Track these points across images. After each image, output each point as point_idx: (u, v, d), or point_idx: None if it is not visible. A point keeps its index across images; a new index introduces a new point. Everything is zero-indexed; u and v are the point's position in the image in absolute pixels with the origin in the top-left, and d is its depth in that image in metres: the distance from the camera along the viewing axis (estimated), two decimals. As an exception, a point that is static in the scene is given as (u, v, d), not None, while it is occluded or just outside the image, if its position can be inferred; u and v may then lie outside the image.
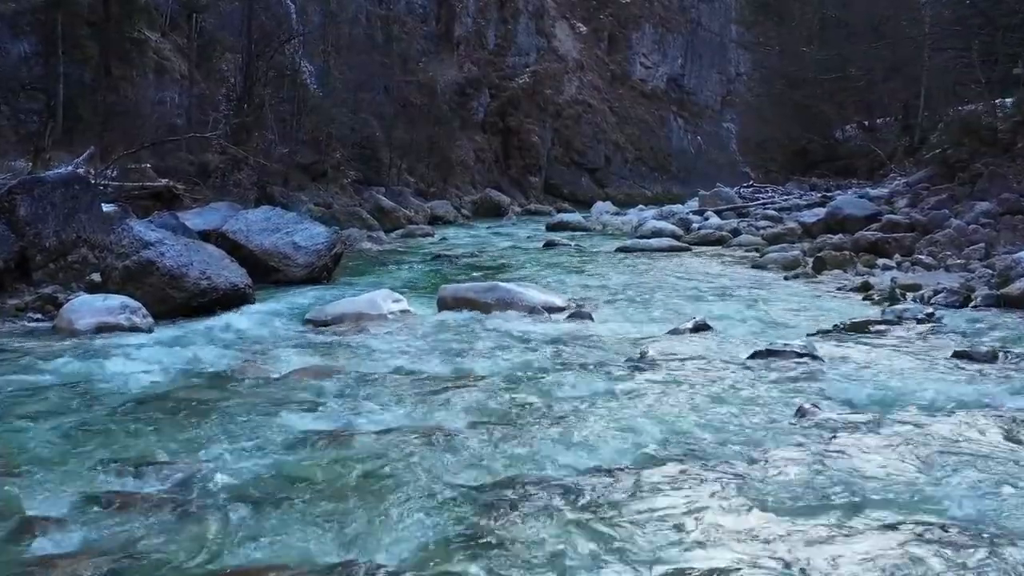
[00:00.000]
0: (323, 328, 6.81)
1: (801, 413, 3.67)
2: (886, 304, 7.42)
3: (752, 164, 39.31)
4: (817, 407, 3.71)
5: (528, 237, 17.45)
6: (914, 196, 14.05)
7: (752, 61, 32.95)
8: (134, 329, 6.57)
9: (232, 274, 8.04)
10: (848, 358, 4.83)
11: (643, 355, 4.84)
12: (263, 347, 5.73)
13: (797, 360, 4.68)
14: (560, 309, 7.50)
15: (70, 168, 9.86)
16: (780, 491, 2.84)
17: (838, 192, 17.09)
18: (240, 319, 7.28)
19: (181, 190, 11.76)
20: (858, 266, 10.32)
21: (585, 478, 2.94)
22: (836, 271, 10.16)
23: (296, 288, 9.35)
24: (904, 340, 5.36)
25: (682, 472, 3.00)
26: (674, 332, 5.83)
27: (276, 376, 4.60)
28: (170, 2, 19.60)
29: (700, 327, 5.89)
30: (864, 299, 7.85)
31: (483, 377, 4.51)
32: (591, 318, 6.80)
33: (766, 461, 3.13)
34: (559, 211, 31.33)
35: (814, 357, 4.75)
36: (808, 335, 5.80)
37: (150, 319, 6.80)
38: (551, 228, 19.64)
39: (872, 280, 8.96)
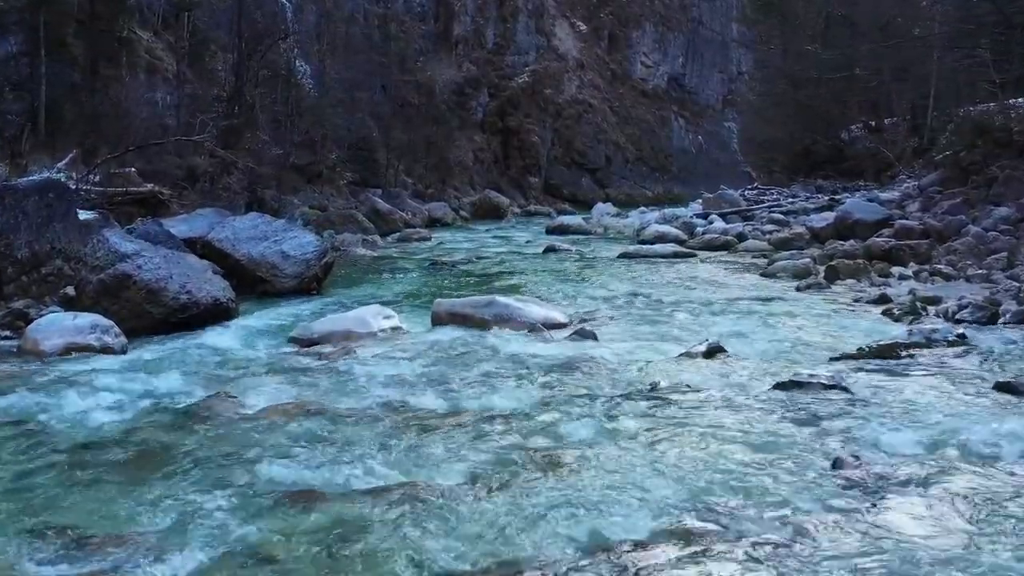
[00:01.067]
0: (308, 348, 6.37)
1: (839, 464, 3.23)
2: (908, 320, 6.99)
3: (754, 165, 38.87)
4: (856, 457, 3.26)
5: (528, 241, 17.00)
6: (926, 200, 13.60)
7: (754, 60, 32.49)
8: (106, 350, 6.13)
9: (214, 288, 7.60)
10: (881, 391, 4.38)
11: (654, 387, 4.39)
12: (240, 373, 5.28)
13: (825, 393, 4.24)
14: (562, 325, 7.06)
15: (46, 174, 9.40)
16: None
17: (845, 195, 16.64)
18: (221, 337, 6.85)
19: (167, 195, 11.30)
20: (872, 275, 9.89)
21: (589, 559, 2.50)
22: (850, 280, 9.72)
23: (284, 300, 8.90)
24: (938, 367, 4.91)
25: (703, 550, 2.55)
26: (686, 356, 5.39)
27: (248, 413, 4.15)
28: (161, 1, 19.13)
29: (714, 350, 5.44)
30: (884, 314, 7.40)
31: (477, 415, 4.06)
32: (595, 337, 6.35)
33: (802, 532, 2.69)
34: (559, 212, 30.92)
35: (844, 389, 4.31)
36: (831, 359, 5.36)
37: (123, 339, 6.36)
38: (551, 231, 19.22)
39: (889, 292, 8.51)
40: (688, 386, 4.47)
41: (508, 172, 35.45)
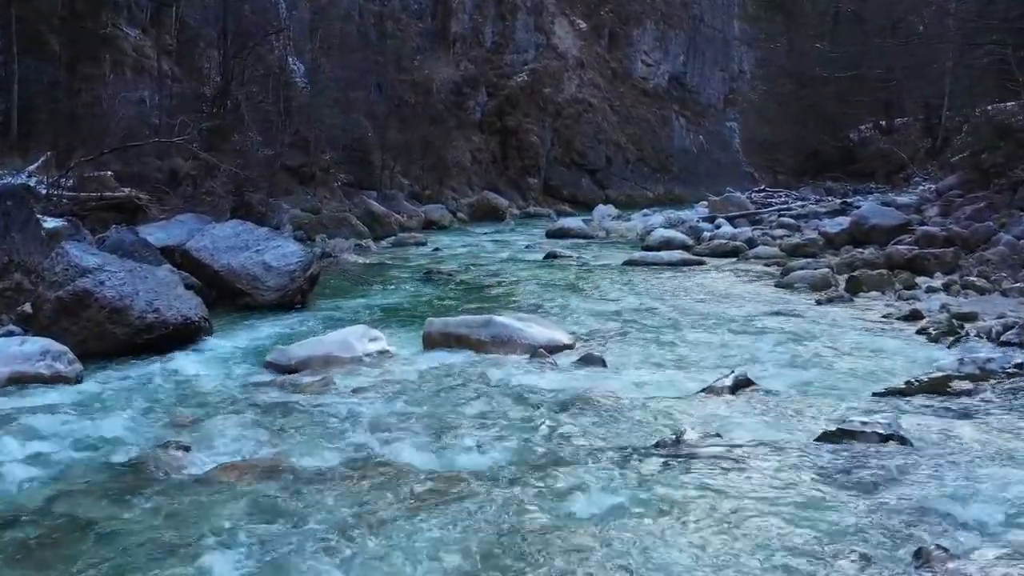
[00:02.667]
0: (286, 375, 5.72)
1: (923, 558, 2.57)
2: (949, 341, 6.34)
3: (756, 166, 38.25)
4: (944, 549, 2.60)
5: (527, 246, 16.33)
6: (945, 204, 12.96)
7: (758, 59, 31.84)
8: (57, 379, 5.47)
9: (185, 305, 6.93)
10: (946, 442, 3.73)
11: (679, 438, 3.73)
12: (202, 411, 4.62)
13: (882, 447, 3.58)
14: (566, 347, 6.41)
15: (12, 178, 8.74)
16: None
17: (857, 198, 16.00)
18: (189, 361, 6.19)
19: (144, 200, 10.63)
20: (897, 287, 9.25)
21: None
22: (873, 293, 9.08)
23: (266, 315, 8.25)
24: (1006, 408, 4.26)
25: None
26: (710, 391, 4.73)
27: (197, 474, 3.49)
28: (147, -4, 18.48)
29: (741, 383, 4.79)
30: (918, 333, 6.75)
31: (469, 478, 3.39)
32: (603, 363, 5.70)
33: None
34: (559, 214, 30.25)
35: (903, 441, 3.65)
36: (875, 394, 4.71)
37: (78, 366, 5.69)
38: (551, 235, 18.57)
39: (919, 306, 7.86)
40: (719, 436, 3.81)
41: (507, 173, 34.78)
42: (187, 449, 3.80)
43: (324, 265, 12.17)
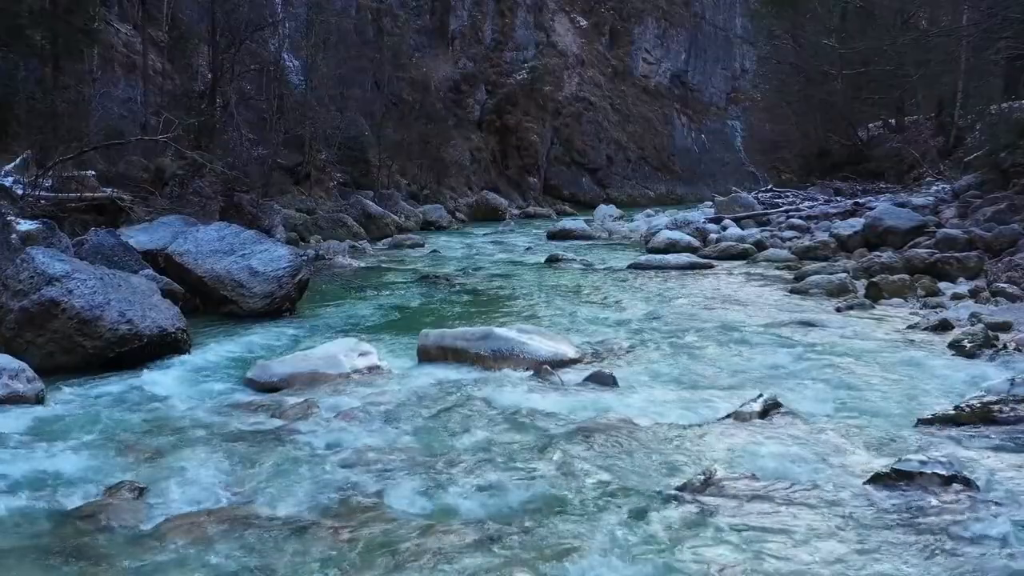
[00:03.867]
0: (265, 395, 5.24)
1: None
2: (987, 355, 5.86)
3: (760, 165, 37.75)
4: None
5: (528, 248, 15.84)
6: (963, 205, 12.46)
7: (762, 56, 31.33)
8: (14, 400, 4.97)
9: (160, 315, 6.43)
10: (1014, 483, 3.23)
11: (708, 479, 3.23)
12: (168, 441, 4.13)
13: (945, 490, 3.09)
14: (572, 362, 5.92)
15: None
16: None
17: (868, 198, 15.49)
18: (163, 378, 5.70)
19: (127, 202, 10.12)
20: (919, 293, 8.76)
21: None
22: (895, 300, 8.60)
23: (251, 324, 7.76)
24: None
25: None
26: (737, 417, 4.24)
27: (146, 529, 2.98)
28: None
29: (770, 407, 4.30)
30: (951, 347, 6.25)
31: (465, 529, 2.90)
32: (614, 381, 5.20)
33: None
34: (559, 214, 29.77)
35: (968, 483, 3.16)
36: (920, 421, 4.21)
37: (38, 384, 5.19)
38: (552, 236, 18.09)
39: (947, 315, 7.37)
40: (754, 476, 3.31)
41: (506, 172, 34.28)
42: (142, 492, 3.30)
43: (317, 268, 11.69)
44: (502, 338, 5.96)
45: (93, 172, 10.81)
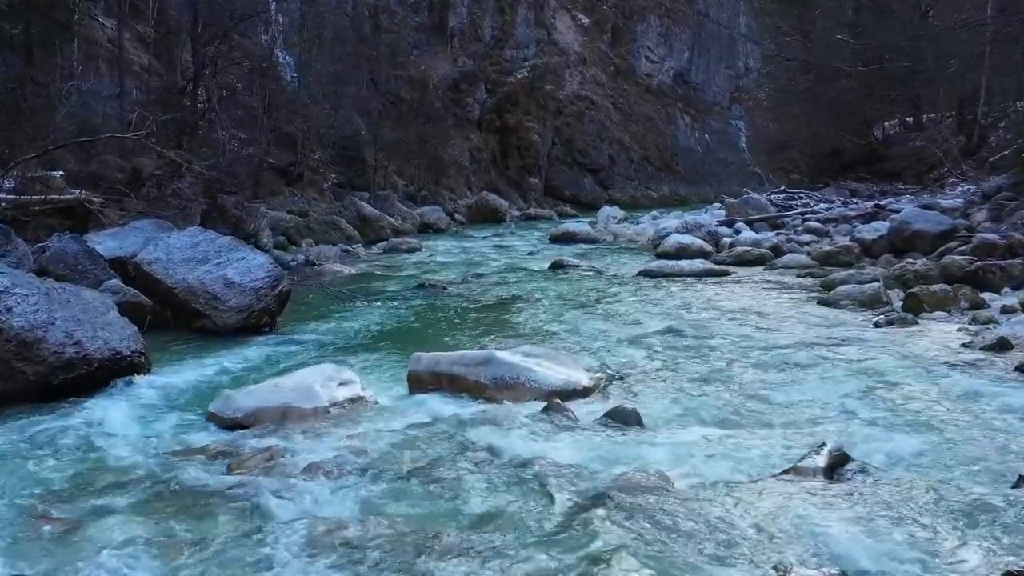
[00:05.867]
0: (228, 433, 4.45)
1: None
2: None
3: (765, 165, 36.88)
4: None
5: (530, 253, 15.03)
6: (995, 208, 11.67)
7: (769, 53, 30.52)
8: (-74, 442, 4.18)
9: (114, 335, 5.63)
10: None
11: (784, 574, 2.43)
12: (92, 502, 3.34)
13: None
14: (586, 391, 5.13)
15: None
16: None
17: (890, 200, 14.69)
18: (111, 412, 4.91)
19: (96, 204, 9.31)
20: (962, 305, 7.97)
21: None
22: (937, 312, 7.80)
23: (225, 342, 6.97)
24: None
25: None
26: (796, 473, 3.44)
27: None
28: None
29: (836, 460, 3.50)
30: (1018, 369, 5.46)
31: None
32: (638, 419, 4.41)
33: None
34: (561, 216, 28.96)
35: None
36: (1021, 479, 3.41)
37: (-43, 422, 4.40)
38: (555, 239, 17.29)
39: (1004, 333, 6.56)
40: (835, 570, 2.50)
41: (506, 173, 33.46)
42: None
43: (304, 275, 10.91)
44: (505, 363, 5.16)
45: (61, 172, 10.01)
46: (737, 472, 3.59)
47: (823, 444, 3.60)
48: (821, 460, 3.46)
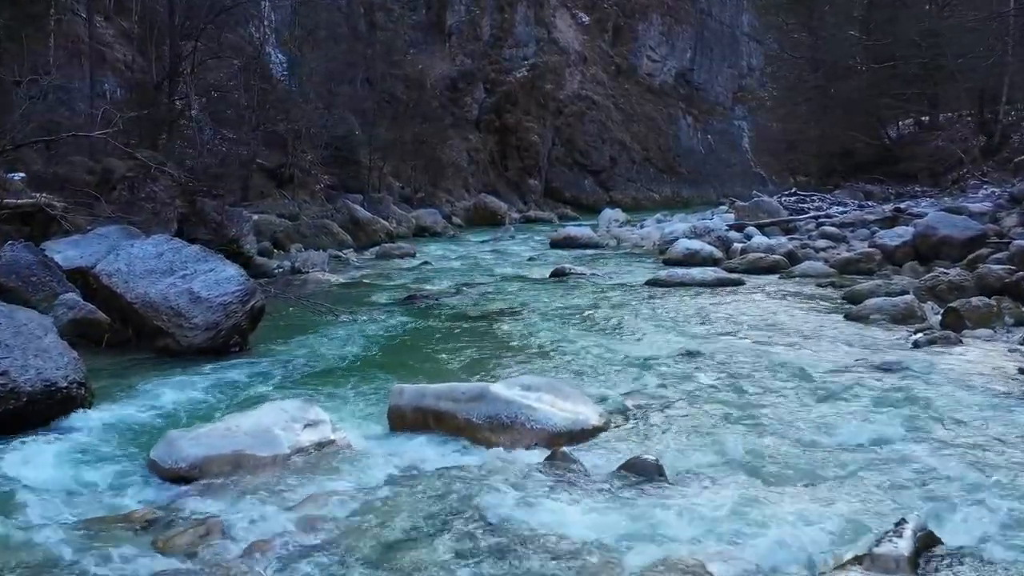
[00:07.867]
0: (167, 488, 3.71)
1: None
2: None
3: (768, 166, 36.12)
4: None
5: (530, 259, 14.27)
6: (1026, 212, 10.92)
7: (774, 52, 29.78)
8: None
9: (49, 364, 4.86)
10: None
11: None
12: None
13: None
14: (596, 431, 4.39)
15: None
16: None
17: (909, 203, 13.94)
18: (36, 458, 4.17)
19: (59, 209, 8.56)
20: (1007, 321, 7.23)
21: None
22: (980, 330, 7.04)
23: (187, 365, 6.21)
24: None
25: None
26: (874, 563, 2.68)
27: None
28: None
29: (922, 543, 2.75)
30: (1094, 403, 4.70)
31: None
32: (660, 472, 3.66)
33: None
34: (561, 218, 28.18)
35: None
36: None
37: None
38: (556, 244, 16.53)
39: (1063, 355, 5.82)
40: None
41: (506, 174, 32.71)
42: None
43: (285, 286, 10.15)
44: (501, 400, 4.40)
45: (23, 175, 9.26)
46: (794, 558, 2.82)
47: (903, 521, 2.84)
48: (904, 544, 2.70)
